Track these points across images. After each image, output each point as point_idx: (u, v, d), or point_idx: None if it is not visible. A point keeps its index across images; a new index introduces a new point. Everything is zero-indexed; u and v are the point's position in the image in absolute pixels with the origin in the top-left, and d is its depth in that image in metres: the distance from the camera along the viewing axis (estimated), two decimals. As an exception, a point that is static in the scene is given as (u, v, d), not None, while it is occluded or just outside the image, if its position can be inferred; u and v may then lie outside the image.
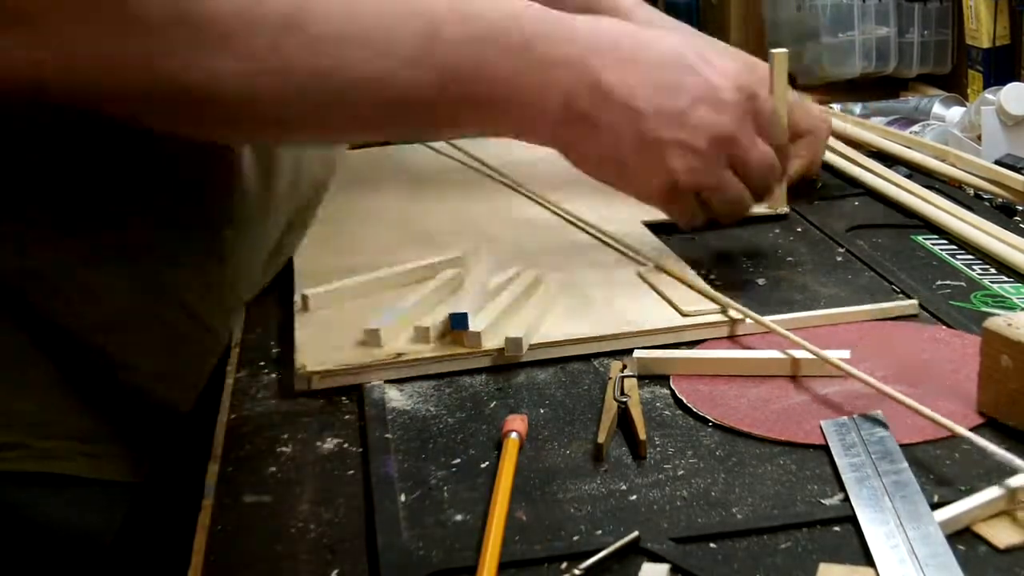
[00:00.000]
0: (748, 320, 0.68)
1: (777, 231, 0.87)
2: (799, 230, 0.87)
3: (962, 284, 0.74)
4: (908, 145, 1.05)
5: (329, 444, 0.59)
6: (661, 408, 0.60)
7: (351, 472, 0.56)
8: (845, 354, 0.61)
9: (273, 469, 0.57)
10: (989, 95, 1.06)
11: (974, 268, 0.77)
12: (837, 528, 0.48)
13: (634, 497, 0.52)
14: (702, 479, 0.53)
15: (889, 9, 1.42)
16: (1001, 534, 0.46)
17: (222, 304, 0.75)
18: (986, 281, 0.74)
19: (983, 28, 1.28)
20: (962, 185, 0.95)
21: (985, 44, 1.28)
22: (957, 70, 1.42)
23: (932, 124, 1.16)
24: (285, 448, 0.59)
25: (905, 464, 0.51)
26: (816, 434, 0.55)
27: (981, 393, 0.56)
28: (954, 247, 0.81)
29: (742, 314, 0.68)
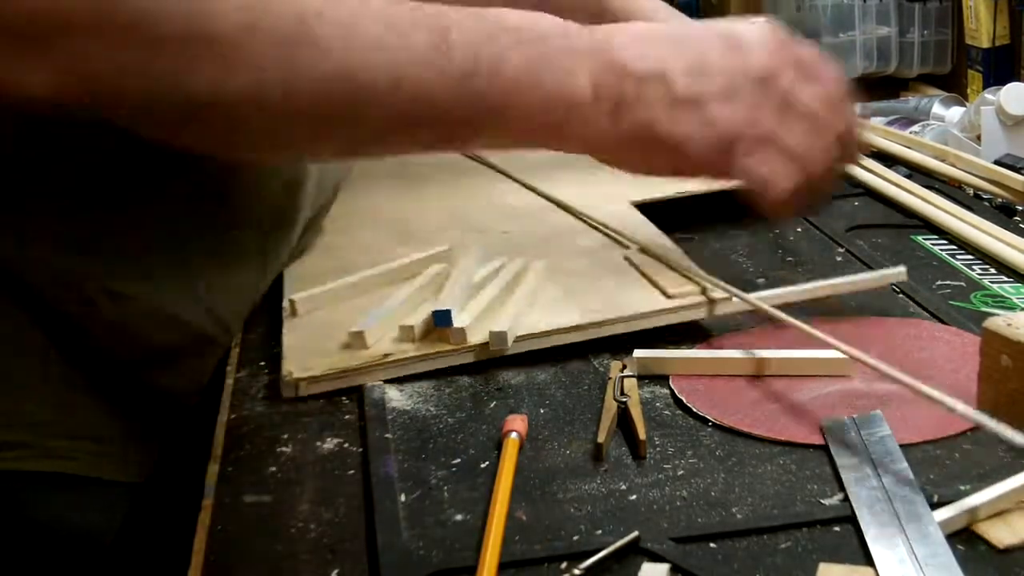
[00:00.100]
0: (735, 300, 0.67)
1: (777, 231, 0.87)
2: (799, 230, 0.87)
3: (962, 284, 0.74)
4: (908, 145, 1.05)
5: (329, 444, 0.59)
6: (661, 408, 0.60)
7: (351, 472, 0.56)
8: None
9: (273, 469, 0.57)
10: (989, 95, 1.06)
11: (974, 268, 0.77)
12: (837, 528, 0.48)
13: (634, 497, 0.52)
14: (702, 479, 0.53)
15: (889, 9, 1.42)
16: (1001, 534, 0.46)
17: (241, 303, 0.75)
18: (986, 281, 0.74)
19: (983, 28, 1.28)
20: (962, 185, 0.95)
21: (985, 44, 1.28)
22: (957, 70, 1.42)
23: (932, 124, 1.16)
24: (285, 448, 0.59)
25: (905, 464, 0.51)
26: (816, 434, 0.55)
27: (981, 393, 0.56)
28: (954, 247, 0.81)
29: (727, 292, 0.67)
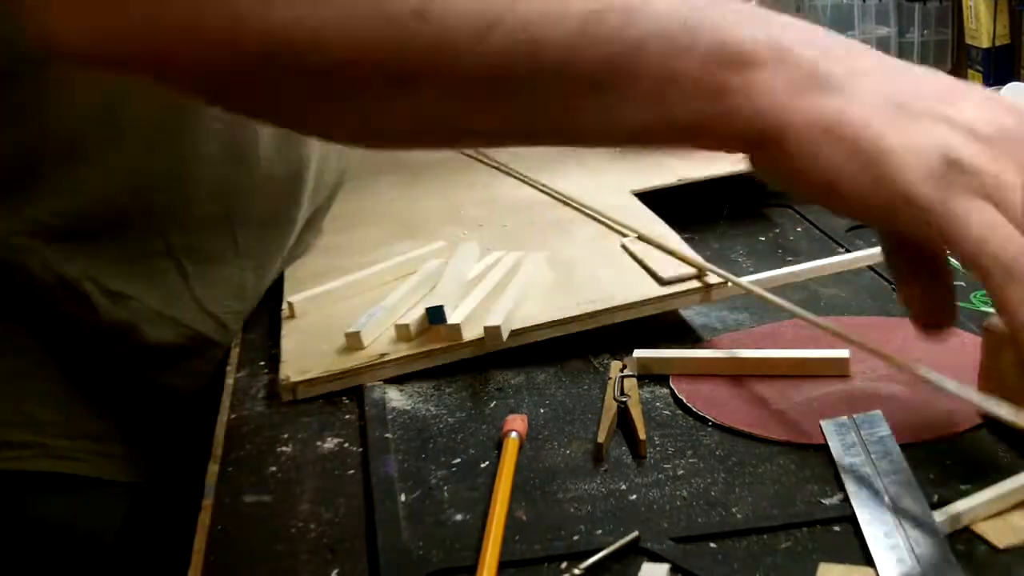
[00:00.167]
0: (730, 284, 0.67)
1: (777, 231, 0.87)
2: (799, 230, 0.87)
3: (962, 284, 0.74)
4: (908, 145, 1.04)
5: (329, 444, 0.59)
6: (661, 408, 0.60)
7: (351, 472, 0.56)
8: (845, 353, 0.61)
9: (273, 469, 0.57)
10: (989, 95, 1.06)
11: (974, 268, 0.77)
12: (837, 528, 0.48)
13: (634, 497, 0.52)
14: (702, 479, 0.53)
15: (889, 9, 1.42)
16: (1001, 534, 0.46)
17: (240, 303, 0.75)
18: (986, 281, 0.74)
19: (983, 28, 1.28)
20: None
21: (985, 44, 1.28)
22: (957, 70, 1.42)
23: (932, 124, 1.16)
24: (285, 448, 0.59)
25: (905, 464, 0.51)
26: (816, 434, 0.55)
27: (981, 391, 0.56)
28: (954, 247, 0.81)
29: (722, 278, 0.67)
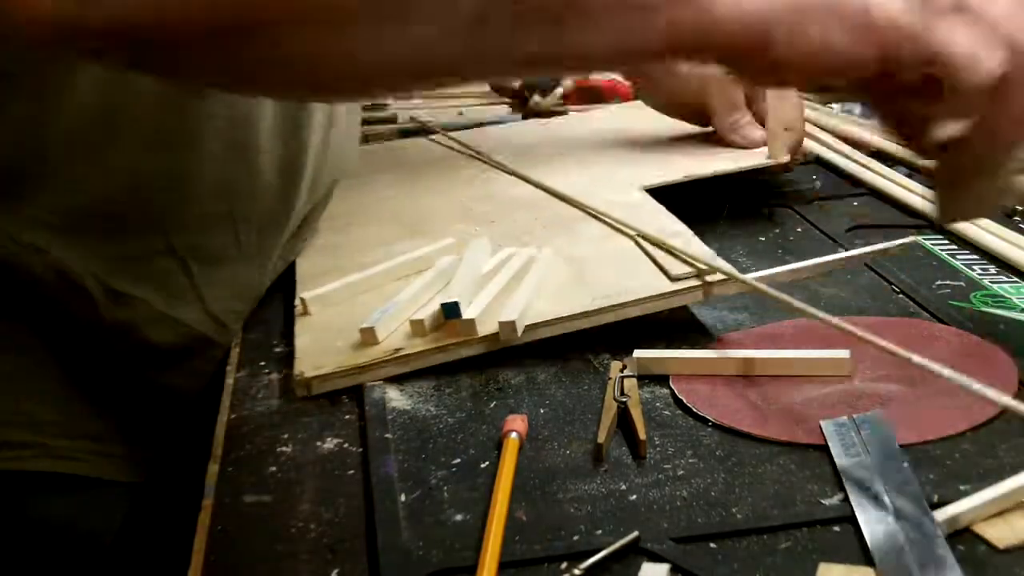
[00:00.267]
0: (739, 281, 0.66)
1: (777, 231, 0.87)
2: (799, 230, 0.87)
3: (962, 284, 0.74)
4: (908, 145, 1.04)
5: (329, 444, 0.59)
6: (661, 408, 0.60)
7: (351, 472, 0.56)
8: (845, 353, 0.61)
9: (273, 469, 0.57)
10: (989, 95, 1.06)
11: (974, 268, 0.77)
12: (837, 528, 0.48)
13: (634, 497, 0.52)
14: (702, 479, 0.53)
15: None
16: (1001, 534, 0.46)
17: (240, 302, 0.75)
18: (986, 281, 0.74)
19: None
20: (962, 185, 0.95)
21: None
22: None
23: (932, 124, 1.16)
24: (285, 448, 0.59)
25: (905, 464, 0.51)
26: (816, 434, 0.55)
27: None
28: (954, 247, 0.81)
29: (726, 274, 0.67)
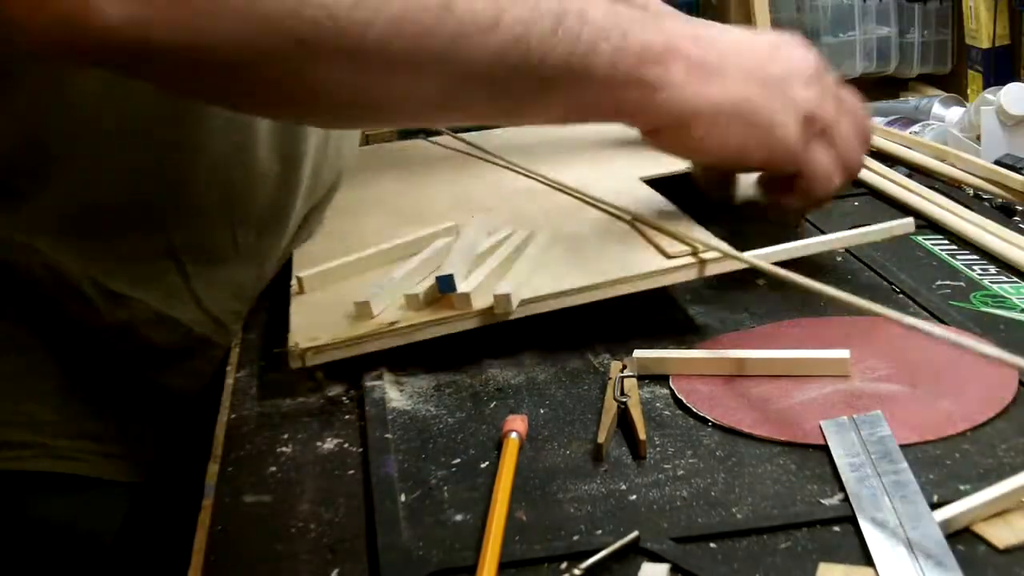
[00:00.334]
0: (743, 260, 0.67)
1: (777, 230, 0.87)
2: (799, 230, 0.87)
3: (962, 284, 0.74)
4: (908, 145, 1.04)
5: (329, 444, 0.59)
6: (661, 408, 0.60)
7: (351, 472, 0.56)
8: (845, 353, 0.61)
9: (273, 469, 0.57)
10: (989, 95, 1.06)
11: (974, 268, 0.77)
12: (837, 528, 0.48)
13: (634, 497, 0.52)
14: (702, 479, 0.53)
15: (889, 9, 1.42)
16: (1001, 534, 0.46)
17: (238, 303, 0.75)
18: (986, 281, 0.74)
19: (983, 28, 1.28)
20: (962, 185, 0.95)
21: (985, 44, 1.28)
22: (957, 70, 1.42)
23: (932, 124, 1.16)
24: (285, 448, 0.59)
25: (905, 464, 0.51)
26: (816, 434, 0.55)
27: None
28: (954, 247, 0.81)
29: (721, 252, 0.67)
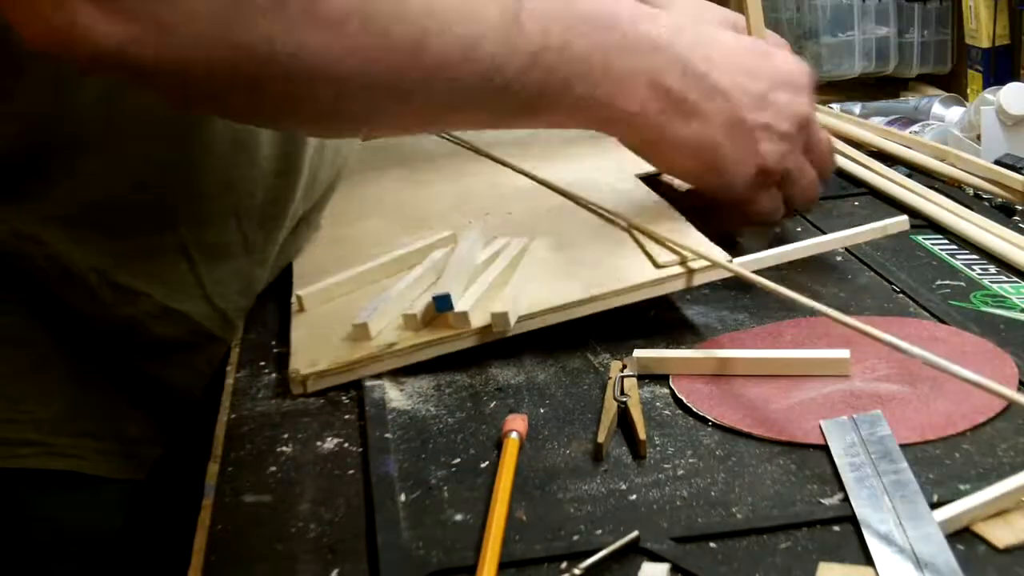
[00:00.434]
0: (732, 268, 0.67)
1: (777, 231, 0.87)
2: (798, 230, 0.87)
3: (962, 284, 0.74)
4: (908, 145, 1.04)
5: (329, 444, 0.59)
6: (661, 408, 0.60)
7: (351, 472, 0.56)
8: (845, 353, 0.61)
9: (273, 469, 0.57)
10: (989, 95, 1.06)
11: (974, 268, 0.77)
12: (837, 528, 0.48)
13: (634, 497, 0.52)
14: (702, 479, 0.53)
15: (889, 9, 1.42)
16: (1001, 534, 0.46)
17: (242, 297, 0.76)
18: (986, 281, 0.74)
19: (983, 28, 1.28)
20: (962, 185, 0.95)
21: (985, 44, 1.28)
22: (957, 70, 1.42)
23: (932, 124, 1.16)
24: (285, 448, 0.59)
25: (905, 464, 0.51)
26: (816, 434, 0.55)
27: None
28: (954, 247, 0.81)
29: (710, 261, 0.67)
